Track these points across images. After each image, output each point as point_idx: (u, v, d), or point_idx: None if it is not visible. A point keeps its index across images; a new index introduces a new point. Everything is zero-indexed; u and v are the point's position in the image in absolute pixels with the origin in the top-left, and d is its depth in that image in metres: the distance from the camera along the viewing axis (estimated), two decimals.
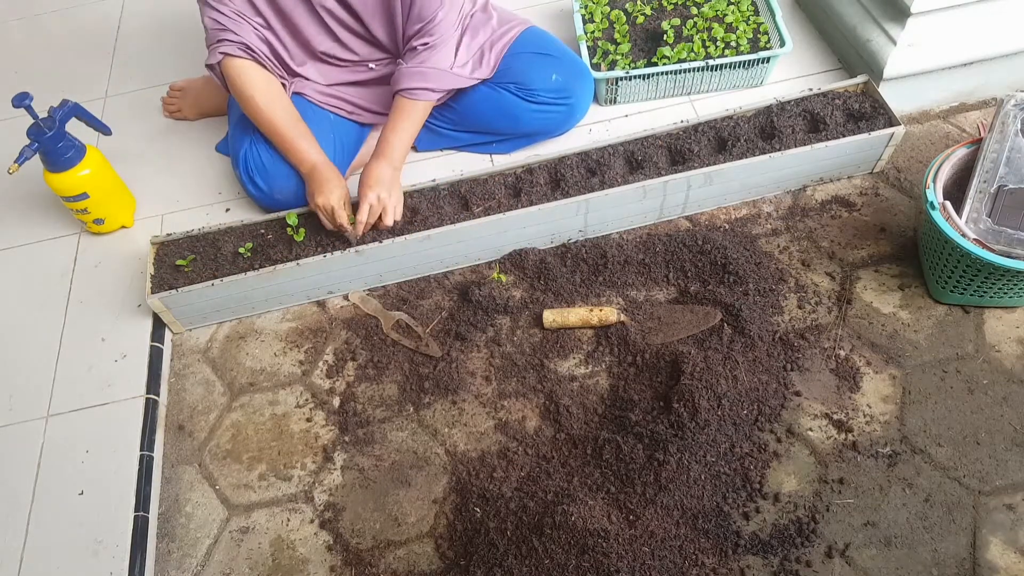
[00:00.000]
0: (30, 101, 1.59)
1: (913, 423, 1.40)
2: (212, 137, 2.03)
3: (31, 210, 1.94)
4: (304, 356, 1.64)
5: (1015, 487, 1.32)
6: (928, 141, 1.79)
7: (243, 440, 1.54)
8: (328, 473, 1.48)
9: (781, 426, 1.42)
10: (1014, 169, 1.45)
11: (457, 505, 1.41)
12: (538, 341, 1.59)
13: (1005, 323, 1.50)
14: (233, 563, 1.40)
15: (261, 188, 1.72)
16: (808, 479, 1.37)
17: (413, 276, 1.72)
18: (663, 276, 1.65)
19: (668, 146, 1.72)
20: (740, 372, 1.44)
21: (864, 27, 1.80)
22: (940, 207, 1.43)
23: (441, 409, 1.53)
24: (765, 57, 1.82)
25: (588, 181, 1.68)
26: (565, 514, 1.30)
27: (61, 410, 1.58)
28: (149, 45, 2.34)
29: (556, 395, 1.50)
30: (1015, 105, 1.49)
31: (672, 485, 1.34)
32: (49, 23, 2.49)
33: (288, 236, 1.67)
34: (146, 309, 1.69)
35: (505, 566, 1.29)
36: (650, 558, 1.27)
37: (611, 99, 1.93)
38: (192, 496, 1.49)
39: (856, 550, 1.29)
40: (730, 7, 1.92)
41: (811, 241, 1.66)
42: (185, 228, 1.73)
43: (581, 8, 1.99)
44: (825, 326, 1.54)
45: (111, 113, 2.15)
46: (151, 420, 1.55)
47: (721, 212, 1.74)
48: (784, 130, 1.69)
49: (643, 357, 1.52)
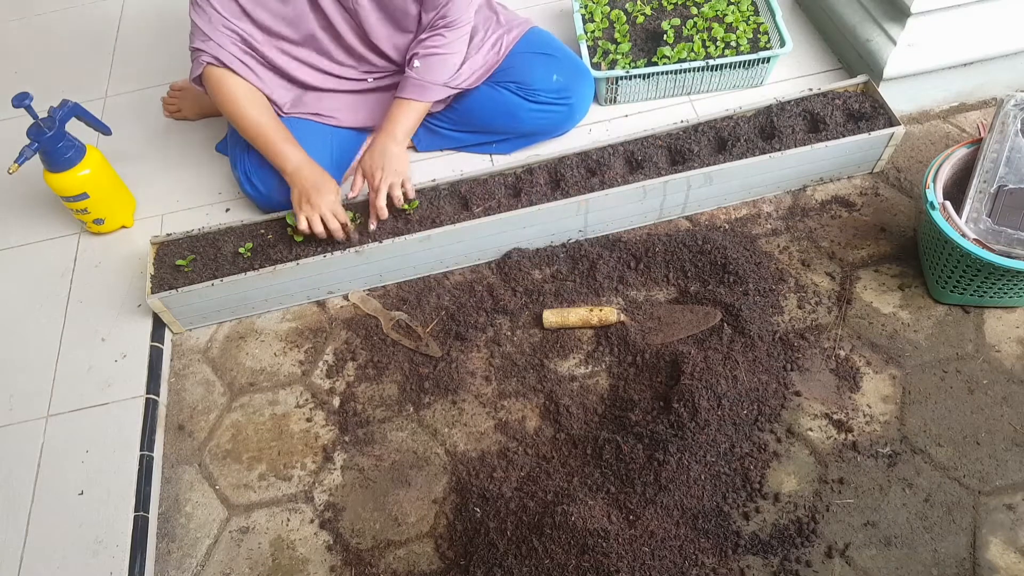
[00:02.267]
0: (30, 101, 1.59)
1: (913, 423, 1.40)
2: (212, 137, 2.03)
3: (31, 210, 1.94)
4: (304, 356, 1.64)
5: (1015, 487, 1.32)
6: (928, 141, 1.79)
7: (243, 440, 1.54)
8: (328, 473, 1.48)
9: (781, 426, 1.42)
10: (1014, 169, 1.45)
11: (457, 505, 1.41)
12: (538, 341, 1.59)
13: (1005, 323, 1.50)
14: (233, 563, 1.40)
15: (259, 189, 1.72)
16: (808, 479, 1.37)
17: (413, 276, 1.72)
18: (663, 276, 1.65)
19: (668, 146, 1.72)
20: (740, 372, 1.44)
21: (864, 27, 1.80)
22: (940, 207, 1.43)
23: (441, 409, 1.53)
24: (765, 57, 1.82)
25: (588, 181, 1.68)
26: (565, 514, 1.30)
27: (61, 410, 1.58)
28: (149, 45, 2.34)
29: (556, 395, 1.50)
30: (1015, 105, 1.49)
31: (672, 485, 1.34)
32: (49, 23, 2.49)
33: (288, 236, 1.67)
34: (146, 309, 1.69)
35: (505, 566, 1.29)
36: (650, 558, 1.27)
37: (611, 99, 1.93)
38: (192, 496, 1.49)
39: (856, 550, 1.29)
40: (730, 7, 1.92)
41: (811, 241, 1.66)
42: (185, 228, 1.73)
43: (581, 8, 1.99)
44: (825, 326, 1.54)
45: (111, 113, 2.15)
46: (151, 420, 1.55)
47: (721, 212, 1.74)
48: (784, 130, 1.69)
49: (643, 357, 1.52)
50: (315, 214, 1.58)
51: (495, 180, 1.71)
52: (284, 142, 1.63)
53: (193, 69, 1.63)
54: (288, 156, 1.62)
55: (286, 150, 1.62)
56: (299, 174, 1.61)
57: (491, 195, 1.68)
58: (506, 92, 1.75)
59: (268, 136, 1.62)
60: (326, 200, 1.58)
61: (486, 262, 1.72)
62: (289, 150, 1.62)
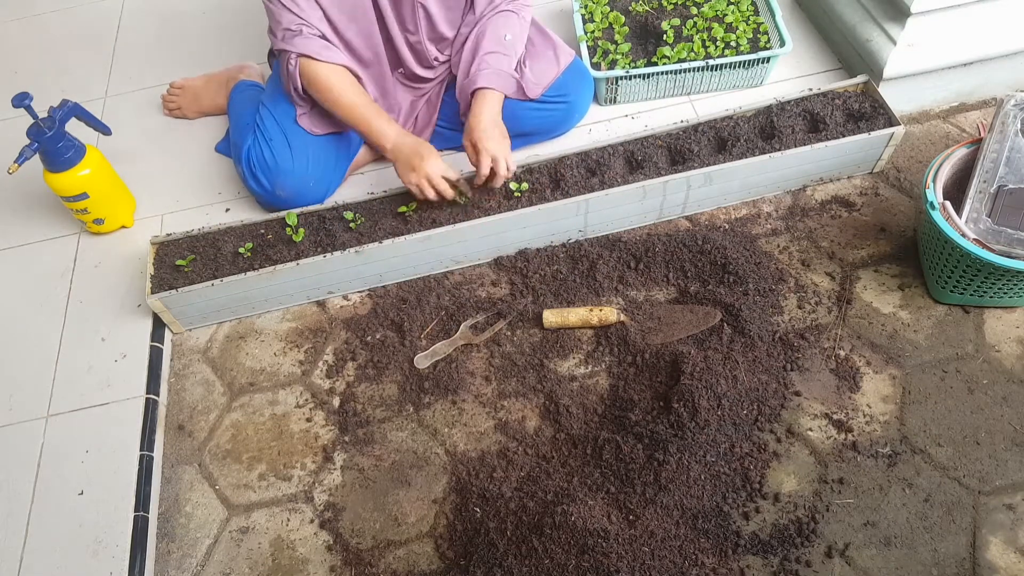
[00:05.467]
0: (30, 101, 1.59)
1: (913, 423, 1.40)
2: (212, 137, 2.03)
3: (31, 210, 1.94)
4: (304, 356, 1.64)
5: (1015, 487, 1.32)
6: (928, 141, 1.79)
7: (243, 440, 1.54)
8: (328, 473, 1.48)
9: (781, 426, 1.42)
10: (1014, 169, 1.45)
11: (457, 505, 1.41)
12: (538, 341, 1.59)
13: (1005, 323, 1.50)
14: (233, 563, 1.40)
15: (264, 185, 1.72)
16: (808, 479, 1.37)
17: (413, 276, 1.72)
18: (663, 276, 1.65)
19: (668, 146, 1.72)
20: (740, 372, 1.43)
21: (864, 27, 1.80)
22: (940, 207, 1.43)
23: (441, 409, 1.53)
24: (765, 57, 1.83)
25: (588, 181, 1.68)
26: (565, 514, 1.30)
27: (61, 410, 1.58)
28: (149, 45, 2.34)
29: (556, 395, 1.50)
30: (1015, 105, 1.49)
31: (672, 485, 1.34)
32: (49, 23, 2.49)
33: (288, 236, 1.67)
34: (146, 309, 1.69)
35: (505, 566, 1.29)
36: (650, 558, 1.27)
37: (611, 99, 1.93)
38: (192, 496, 1.49)
39: (856, 550, 1.29)
40: (730, 7, 1.92)
41: (811, 241, 1.66)
42: (185, 228, 1.73)
43: (581, 8, 1.99)
44: (825, 326, 1.54)
45: (111, 113, 2.15)
46: (151, 420, 1.55)
47: (721, 212, 1.74)
48: (784, 130, 1.69)
49: (643, 357, 1.52)
50: (423, 179, 1.60)
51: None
52: (378, 118, 1.64)
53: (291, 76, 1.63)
54: (385, 133, 1.64)
55: (382, 127, 1.64)
56: (398, 148, 1.63)
57: (491, 195, 1.68)
58: None
59: (364, 116, 1.63)
60: (431, 164, 1.61)
61: (486, 262, 1.72)
62: (384, 127, 1.64)
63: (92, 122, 1.78)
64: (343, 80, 1.64)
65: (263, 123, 1.73)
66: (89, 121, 1.77)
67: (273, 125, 1.72)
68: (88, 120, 1.77)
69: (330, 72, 1.63)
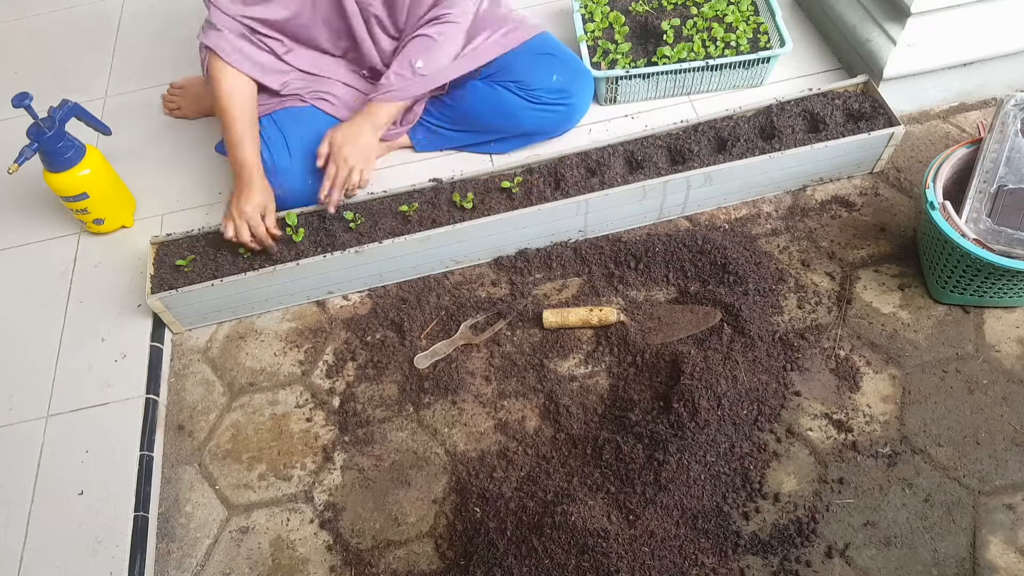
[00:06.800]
0: (30, 101, 1.59)
1: (913, 423, 1.40)
2: (212, 137, 2.03)
3: (31, 210, 1.94)
4: (304, 356, 1.64)
5: (1015, 487, 1.32)
6: (928, 141, 1.79)
7: (243, 440, 1.54)
8: (328, 473, 1.48)
9: (781, 426, 1.42)
10: (1014, 169, 1.45)
11: (457, 505, 1.41)
12: (538, 341, 1.59)
13: (1005, 323, 1.50)
14: (233, 563, 1.40)
15: None
16: (808, 479, 1.37)
17: (413, 276, 1.72)
18: (663, 276, 1.65)
19: (668, 146, 1.72)
20: (740, 372, 1.43)
21: (864, 27, 1.80)
22: (940, 207, 1.43)
23: (441, 409, 1.53)
24: (765, 57, 1.83)
25: (588, 181, 1.68)
26: (565, 514, 1.30)
27: (61, 410, 1.58)
28: (149, 45, 2.34)
29: (556, 395, 1.50)
30: (1015, 105, 1.49)
31: (672, 485, 1.34)
32: (49, 23, 2.49)
33: (288, 236, 1.67)
34: (146, 309, 1.69)
35: (505, 566, 1.29)
36: (650, 558, 1.27)
37: (611, 99, 1.93)
38: (192, 496, 1.49)
39: (856, 550, 1.29)
40: (730, 7, 1.92)
41: (811, 241, 1.66)
42: (185, 228, 1.73)
43: (581, 8, 1.99)
44: (825, 326, 1.54)
45: (111, 113, 2.15)
46: (151, 420, 1.55)
47: (721, 212, 1.74)
48: (784, 130, 1.69)
49: (643, 357, 1.52)
50: (243, 215, 1.60)
51: (495, 180, 1.71)
52: (247, 140, 1.65)
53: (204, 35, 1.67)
54: (244, 160, 1.64)
55: (244, 153, 1.64)
56: (241, 177, 1.64)
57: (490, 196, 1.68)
58: (505, 92, 1.75)
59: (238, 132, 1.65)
60: (252, 202, 1.60)
61: (486, 262, 1.72)
62: (247, 154, 1.64)
63: (92, 122, 1.78)
64: (242, 89, 1.67)
65: (261, 123, 1.73)
66: (89, 121, 1.77)
67: (271, 125, 1.72)
68: (88, 120, 1.77)
69: (232, 76, 1.66)
